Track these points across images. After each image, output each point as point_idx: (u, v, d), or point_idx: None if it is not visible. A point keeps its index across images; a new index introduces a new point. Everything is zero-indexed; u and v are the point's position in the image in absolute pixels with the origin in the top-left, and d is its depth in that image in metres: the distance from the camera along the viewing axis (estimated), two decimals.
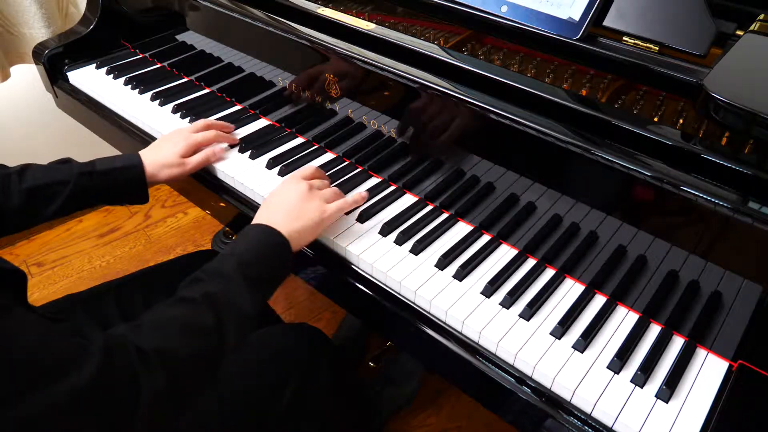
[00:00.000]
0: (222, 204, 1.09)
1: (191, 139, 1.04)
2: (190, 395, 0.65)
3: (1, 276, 0.73)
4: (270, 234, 0.79)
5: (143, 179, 0.98)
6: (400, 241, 0.90)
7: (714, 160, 0.69)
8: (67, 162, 0.95)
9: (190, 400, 0.65)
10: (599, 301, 0.83)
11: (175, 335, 0.64)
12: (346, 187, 1.01)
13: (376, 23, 0.99)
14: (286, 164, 1.05)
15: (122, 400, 0.58)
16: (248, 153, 1.09)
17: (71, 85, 1.37)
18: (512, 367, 0.76)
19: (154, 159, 0.99)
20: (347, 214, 0.96)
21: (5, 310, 0.54)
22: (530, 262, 0.88)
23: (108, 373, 0.57)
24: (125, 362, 0.59)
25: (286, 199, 0.85)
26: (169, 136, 1.06)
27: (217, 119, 1.18)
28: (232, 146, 1.11)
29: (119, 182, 0.96)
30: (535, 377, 0.74)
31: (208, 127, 1.09)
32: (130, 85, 1.30)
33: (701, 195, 0.68)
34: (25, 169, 0.92)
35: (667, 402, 0.70)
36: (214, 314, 0.67)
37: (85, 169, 0.94)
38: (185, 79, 1.34)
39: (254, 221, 0.82)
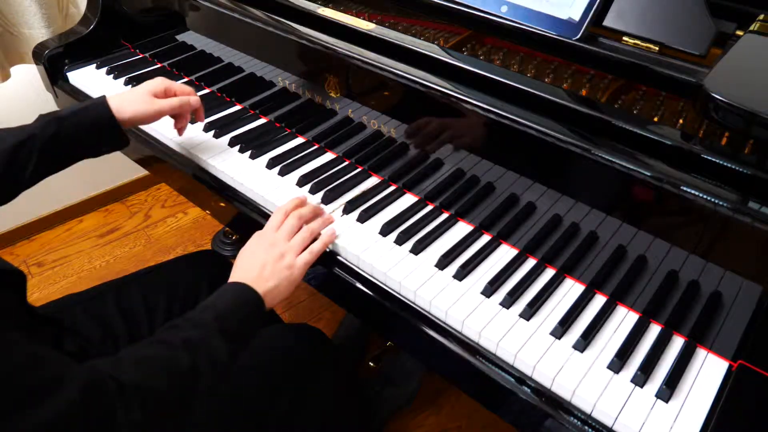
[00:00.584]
0: (222, 204, 1.09)
1: (167, 82, 1.02)
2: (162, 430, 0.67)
3: (1, 277, 0.74)
4: (245, 291, 0.80)
5: (110, 114, 0.94)
6: (400, 241, 0.90)
7: (714, 160, 0.69)
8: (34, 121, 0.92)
9: None
10: (599, 301, 0.83)
11: (154, 373, 0.66)
12: (345, 187, 1.01)
13: (376, 23, 0.99)
14: (286, 164, 1.05)
15: (97, 428, 0.59)
16: (248, 153, 1.09)
17: (71, 86, 1.37)
18: (512, 367, 0.76)
19: (121, 97, 0.97)
20: (346, 214, 0.96)
21: None
22: (530, 262, 0.88)
23: (86, 404, 0.58)
24: (104, 394, 0.60)
25: (256, 259, 0.85)
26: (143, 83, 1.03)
27: (217, 119, 1.18)
28: (232, 146, 1.11)
29: (87, 122, 0.93)
30: (535, 377, 0.74)
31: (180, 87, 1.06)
32: (130, 85, 1.30)
33: (701, 195, 0.68)
34: None
35: (667, 402, 0.70)
36: (191, 358, 0.69)
37: (48, 117, 0.91)
38: (185, 79, 1.34)
39: (230, 279, 0.83)
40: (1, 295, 0.73)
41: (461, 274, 0.85)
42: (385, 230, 0.92)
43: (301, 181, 1.02)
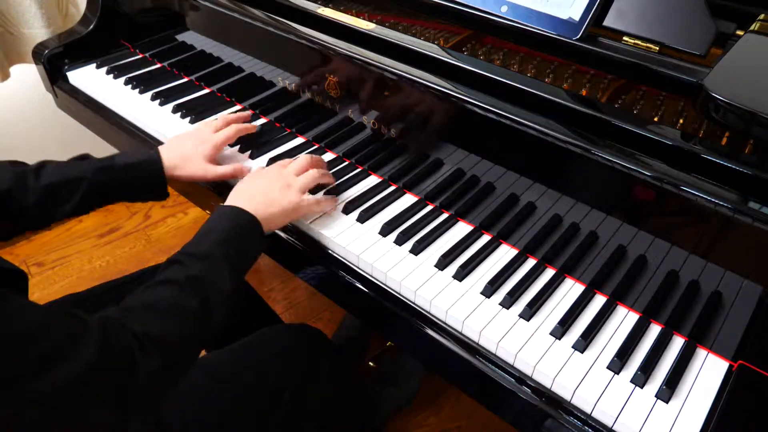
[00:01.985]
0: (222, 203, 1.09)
1: (214, 140, 1.00)
2: (180, 372, 0.67)
3: (1, 276, 0.74)
4: (240, 214, 0.80)
5: (162, 174, 0.96)
6: (400, 241, 0.90)
7: (714, 160, 0.69)
8: (84, 158, 0.94)
9: (179, 377, 0.68)
10: (599, 301, 0.83)
11: (165, 318, 0.66)
12: (345, 187, 1.01)
13: (376, 23, 0.99)
14: None
15: (120, 380, 0.60)
16: (248, 153, 1.09)
17: (71, 85, 1.37)
18: (512, 367, 0.76)
19: (173, 155, 0.97)
20: (346, 214, 0.96)
21: (3, 296, 0.55)
22: (530, 262, 0.88)
23: (107, 355, 0.58)
24: (123, 345, 0.61)
25: (258, 184, 0.85)
26: (189, 134, 1.02)
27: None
28: (232, 146, 1.11)
29: (137, 178, 0.95)
30: (535, 377, 0.74)
31: (227, 124, 1.05)
32: (130, 85, 1.30)
33: (701, 195, 0.68)
34: (42, 166, 0.91)
35: (667, 402, 0.70)
36: (199, 296, 0.69)
37: (102, 164, 0.92)
38: (185, 79, 1.34)
39: (227, 202, 0.82)
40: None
41: (461, 274, 0.85)
42: (385, 230, 0.92)
43: None
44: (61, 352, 0.56)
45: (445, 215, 0.96)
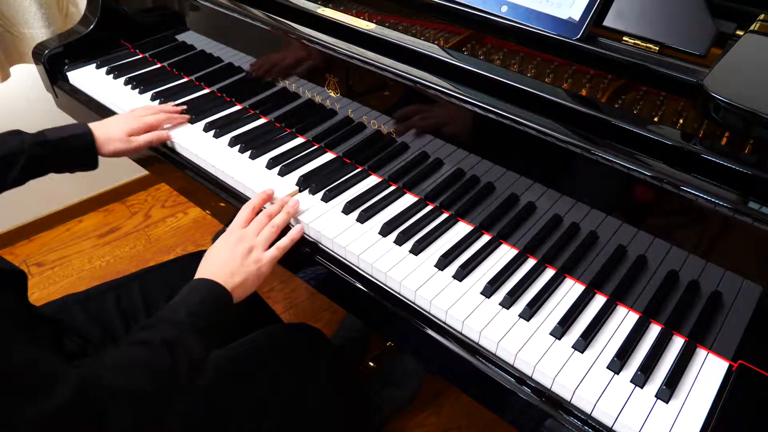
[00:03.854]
0: (222, 204, 1.09)
1: (141, 120, 1.11)
2: (151, 426, 0.69)
3: (2, 276, 0.74)
4: (213, 287, 0.82)
5: (93, 148, 1.04)
6: (400, 241, 0.90)
7: (714, 160, 0.69)
8: (17, 133, 0.99)
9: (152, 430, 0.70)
10: (599, 301, 0.83)
11: (139, 375, 0.69)
12: (345, 187, 1.01)
13: (376, 23, 0.99)
14: (286, 164, 1.05)
15: (90, 426, 0.61)
16: (248, 153, 1.09)
17: (71, 85, 1.37)
18: (512, 367, 0.76)
19: (103, 131, 1.06)
20: (346, 214, 0.96)
21: None
22: (530, 262, 0.88)
23: (79, 404, 0.60)
24: (96, 395, 0.62)
25: (222, 255, 0.87)
26: (122, 114, 1.15)
27: (217, 119, 1.18)
28: (232, 146, 1.11)
29: (70, 151, 1.03)
30: (535, 377, 0.74)
31: (159, 111, 1.16)
32: (130, 85, 1.30)
33: (701, 195, 0.68)
34: None
35: (667, 402, 0.70)
36: (171, 357, 0.71)
37: (37, 139, 0.99)
38: (185, 79, 1.34)
39: (198, 275, 0.85)
40: (2, 295, 0.73)
41: (461, 274, 0.85)
42: (385, 230, 0.92)
43: (301, 181, 1.02)
44: (37, 392, 0.57)
45: (445, 215, 0.96)
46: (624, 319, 0.80)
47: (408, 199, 0.99)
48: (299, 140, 1.13)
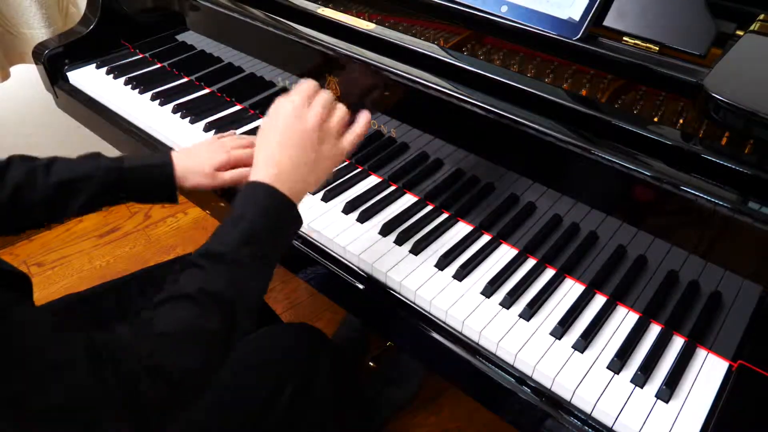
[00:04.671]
0: (222, 204, 1.09)
1: (231, 154, 0.96)
2: (193, 397, 0.65)
3: (6, 279, 0.73)
4: (280, 201, 0.71)
5: (172, 180, 0.93)
6: (400, 241, 0.90)
7: (714, 160, 0.69)
8: (95, 156, 0.92)
9: (189, 403, 0.65)
10: (599, 301, 0.83)
11: (182, 347, 0.62)
12: (345, 187, 1.01)
13: (376, 23, 0.99)
14: None
15: (121, 405, 0.58)
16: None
17: (71, 85, 1.37)
18: (512, 367, 0.76)
19: (185, 163, 0.94)
20: (346, 214, 0.96)
21: (8, 308, 0.54)
22: (530, 262, 0.88)
23: (108, 378, 0.57)
24: (127, 370, 0.59)
25: (298, 143, 0.73)
26: (207, 144, 0.99)
27: (217, 119, 1.18)
28: None
29: (147, 180, 0.92)
30: (535, 377, 0.74)
31: (251, 145, 0.98)
32: (130, 85, 1.30)
33: (701, 195, 0.68)
34: (52, 162, 0.89)
35: (667, 402, 0.70)
36: (222, 313, 0.65)
37: (113, 164, 0.90)
38: (185, 79, 1.34)
39: (256, 176, 0.72)
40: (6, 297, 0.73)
41: (461, 274, 0.85)
42: (385, 230, 0.92)
43: None
44: (61, 370, 0.54)
45: (445, 215, 0.96)
46: (624, 319, 0.80)
47: (408, 199, 0.99)
48: None
